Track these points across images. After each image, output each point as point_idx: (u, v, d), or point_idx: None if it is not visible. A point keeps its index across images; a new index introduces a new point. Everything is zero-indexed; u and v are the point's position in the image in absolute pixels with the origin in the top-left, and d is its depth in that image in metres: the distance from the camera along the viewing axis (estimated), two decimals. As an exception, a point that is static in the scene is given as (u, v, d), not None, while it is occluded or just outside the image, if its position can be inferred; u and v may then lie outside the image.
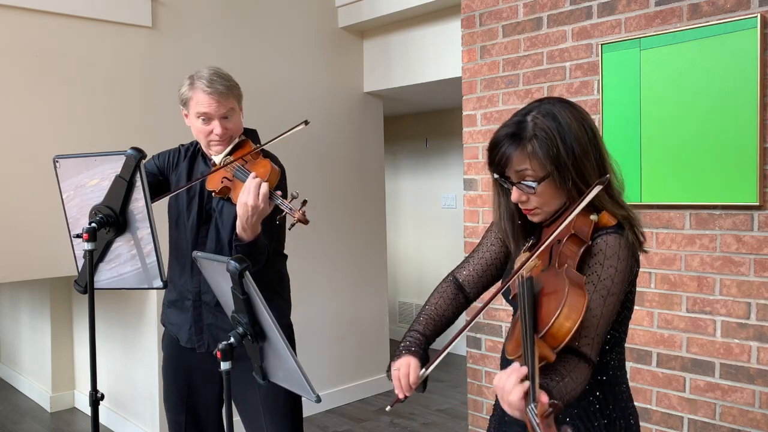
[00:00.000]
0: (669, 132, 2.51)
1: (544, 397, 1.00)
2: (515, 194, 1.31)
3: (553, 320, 1.10)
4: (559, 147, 1.25)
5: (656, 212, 2.58)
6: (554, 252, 1.26)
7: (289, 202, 1.79)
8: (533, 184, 1.27)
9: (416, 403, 4.30)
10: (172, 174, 2.11)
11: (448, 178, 5.54)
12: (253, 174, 1.80)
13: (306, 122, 1.98)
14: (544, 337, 1.11)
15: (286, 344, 1.35)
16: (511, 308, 2.76)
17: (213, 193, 1.95)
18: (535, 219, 1.35)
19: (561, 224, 1.21)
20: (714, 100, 2.39)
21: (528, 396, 1.03)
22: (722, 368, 2.44)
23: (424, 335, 1.43)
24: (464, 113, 3.23)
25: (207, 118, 1.94)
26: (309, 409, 3.99)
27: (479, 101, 3.16)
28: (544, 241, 1.22)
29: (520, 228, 1.41)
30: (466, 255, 1.62)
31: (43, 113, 3.01)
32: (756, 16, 2.27)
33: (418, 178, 5.84)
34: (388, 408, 1.40)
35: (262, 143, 2.04)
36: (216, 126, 1.94)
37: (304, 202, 1.78)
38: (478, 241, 3.07)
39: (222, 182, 1.92)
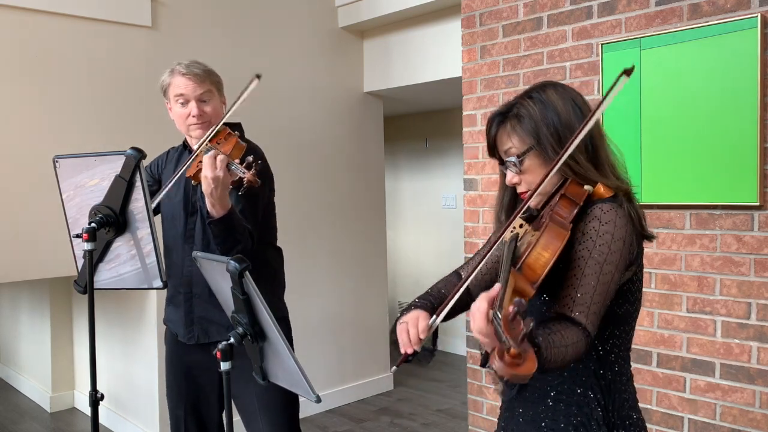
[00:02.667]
0: (669, 132, 2.50)
1: (510, 306, 0.94)
2: (508, 175, 1.32)
3: (529, 250, 1.06)
4: (537, 121, 1.26)
5: (656, 212, 2.58)
6: (545, 215, 1.22)
7: (243, 166, 1.77)
8: (515, 160, 1.28)
9: (416, 403, 4.30)
10: (164, 175, 2.15)
11: (448, 178, 5.54)
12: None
13: (258, 76, 1.94)
14: (521, 269, 1.06)
15: (286, 344, 1.35)
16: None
17: (192, 182, 1.96)
18: (532, 203, 1.32)
19: (545, 179, 1.17)
20: (714, 100, 2.39)
21: (494, 305, 0.96)
22: (722, 368, 2.43)
23: (430, 302, 1.37)
24: (464, 113, 3.23)
25: (185, 100, 2.00)
26: (309, 409, 3.99)
27: (479, 101, 3.16)
28: (527, 201, 1.18)
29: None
30: (466, 255, 1.61)
31: (43, 113, 3.01)
32: (756, 16, 2.27)
33: (418, 178, 5.84)
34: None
35: (243, 133, 2.04)
36: (193, 108, 1.99)
37: (257, 164, 1.76)
38: (478, 241, 3.08)
39: (197, 167, 1.93)
